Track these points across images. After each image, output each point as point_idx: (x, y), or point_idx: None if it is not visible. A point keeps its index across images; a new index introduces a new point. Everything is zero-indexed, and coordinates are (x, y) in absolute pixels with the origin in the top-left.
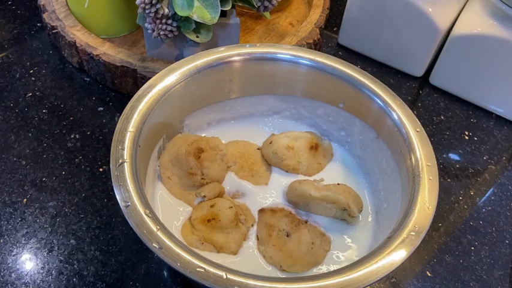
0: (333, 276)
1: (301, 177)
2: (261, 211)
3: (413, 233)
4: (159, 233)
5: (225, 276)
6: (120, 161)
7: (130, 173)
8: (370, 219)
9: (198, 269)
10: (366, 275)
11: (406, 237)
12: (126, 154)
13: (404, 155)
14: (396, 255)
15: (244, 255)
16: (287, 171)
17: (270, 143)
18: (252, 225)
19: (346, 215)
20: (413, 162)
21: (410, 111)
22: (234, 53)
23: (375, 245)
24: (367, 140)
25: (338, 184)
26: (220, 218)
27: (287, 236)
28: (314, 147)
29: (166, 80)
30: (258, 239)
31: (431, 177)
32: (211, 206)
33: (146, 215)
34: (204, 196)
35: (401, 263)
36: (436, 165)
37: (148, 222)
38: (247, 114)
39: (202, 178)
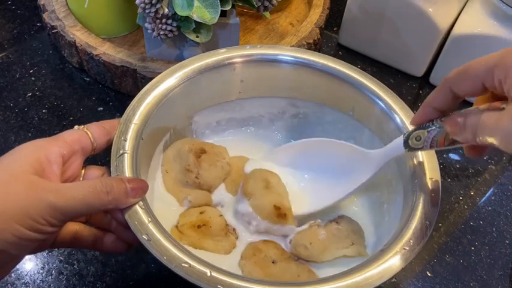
0: (319, 284)
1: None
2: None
3: (407, 248)
4: (150, 225)
5: (209, 274)
6: (121, 151)
7: (129, 164)
8: (370, 240)
9: (183, 264)
10: (352, 285)
11: (398, 251)
12: (128, 145)
13: (408, 163)
14: (386, 268)
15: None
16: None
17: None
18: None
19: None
20: (417, 176)
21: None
22: (241, 54)
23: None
24: (375, 148)
25: (337, 223)
26: (211, 224)
27: (273, 262)
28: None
29: (173, 77)
30: (241, 257)
31: (433, 194)
32: (201, 213)
33: (140, 206)
34: (190, 201)
35: (390, 276)
36: (440, 179)
37: (141, 214)
38: (257, 115)
39: (196, 177)
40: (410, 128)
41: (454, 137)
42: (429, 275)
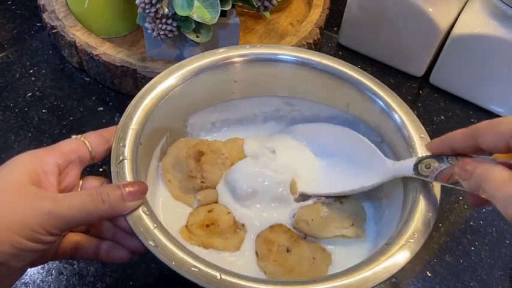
0: (328, 281)
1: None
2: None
3: (412, 240)
4: (156, 231)
5: (219, 277)
6: (121, 157)
7: (130, 170)
8: (370, 229)
9: (192, 268)
10: (360, 281)
11: (404, 244)
12: (127, 151)
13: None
14: (393, 262)
15: (245, 270)
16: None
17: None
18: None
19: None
20: None
21: (416, 116)
22: (239, 54)
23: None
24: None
25: (341, 202)
26: (219, 223)
27: (287, 251)
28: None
29: (170, 78)
30: (257, 255)
31: (433, 186)
32: (209, 211)
33: (144, 212)
34: (199, 200)
35: (398, 270)
36: None
37: (146, 220)
38: (251, 115)
39: (202, 181)
40: (412, 131)
41: (461, 181)
42: (429, 275)
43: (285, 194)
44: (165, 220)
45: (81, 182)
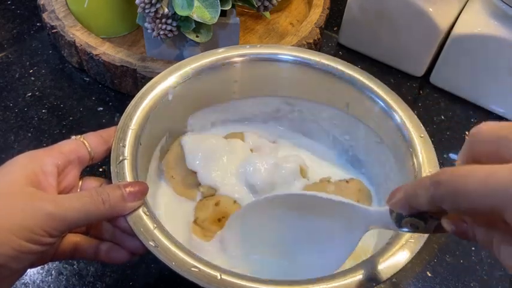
0: (329, 280)
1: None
2: None
3: (412, 240)
4: (156, 231)
5: (219, 277)
6: (121, 158)
7: (130, 170)
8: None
9: (192, 269)
10: (359, 281)
11: (404, 244)
12: (127, 151)
13: (407, 161)
14: (393, 262)
15: None
16: None
17: None
18: None
19: None
20: (416, 169)
21: (415, 116)
22: (239, 54)
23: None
24: (371, 144)
25: (347, 182)
26: (230, 214)
27: None
28: None
29: (169, 79)
30: None
31: None
32: (216, 205)
33: (144, 212)
34: (202, 192)
35: (399, 269)
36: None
37: (146, 220)
38: (251, 115)
39: None
40: (412, 131)
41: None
42: (429, 275)
43: (296, 181)
44: (169, 218)
45: (80, 182)
